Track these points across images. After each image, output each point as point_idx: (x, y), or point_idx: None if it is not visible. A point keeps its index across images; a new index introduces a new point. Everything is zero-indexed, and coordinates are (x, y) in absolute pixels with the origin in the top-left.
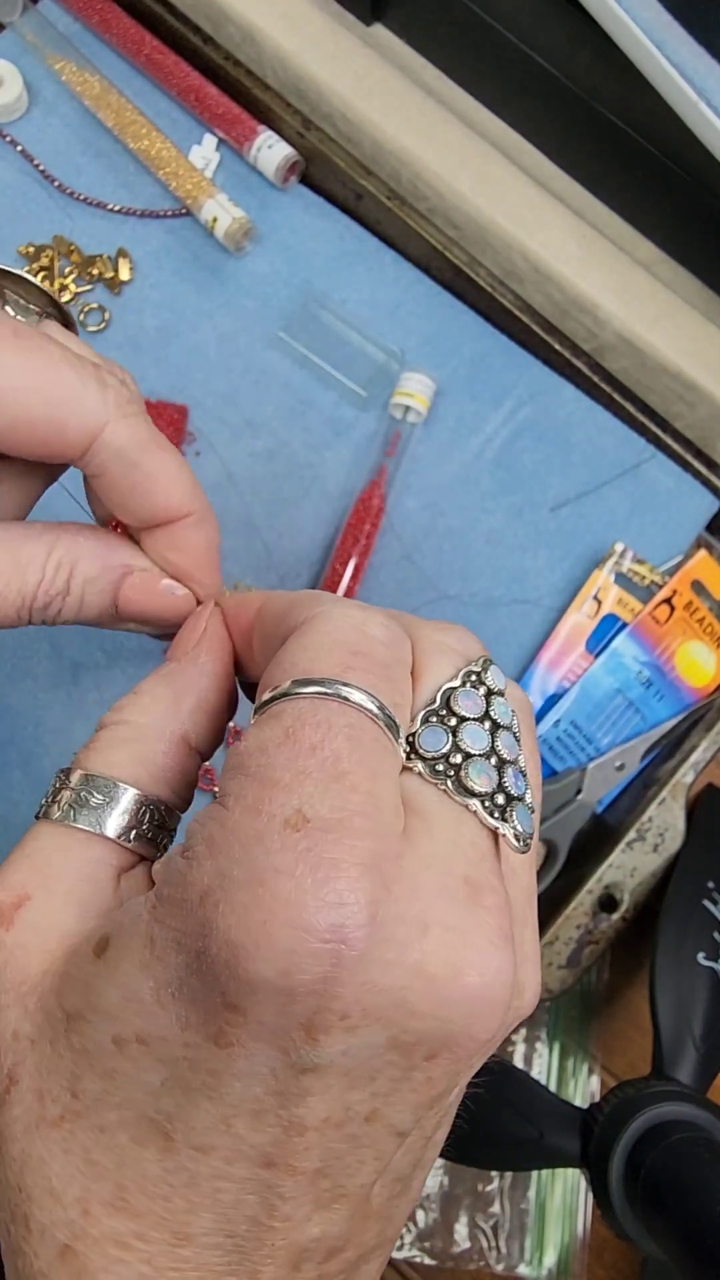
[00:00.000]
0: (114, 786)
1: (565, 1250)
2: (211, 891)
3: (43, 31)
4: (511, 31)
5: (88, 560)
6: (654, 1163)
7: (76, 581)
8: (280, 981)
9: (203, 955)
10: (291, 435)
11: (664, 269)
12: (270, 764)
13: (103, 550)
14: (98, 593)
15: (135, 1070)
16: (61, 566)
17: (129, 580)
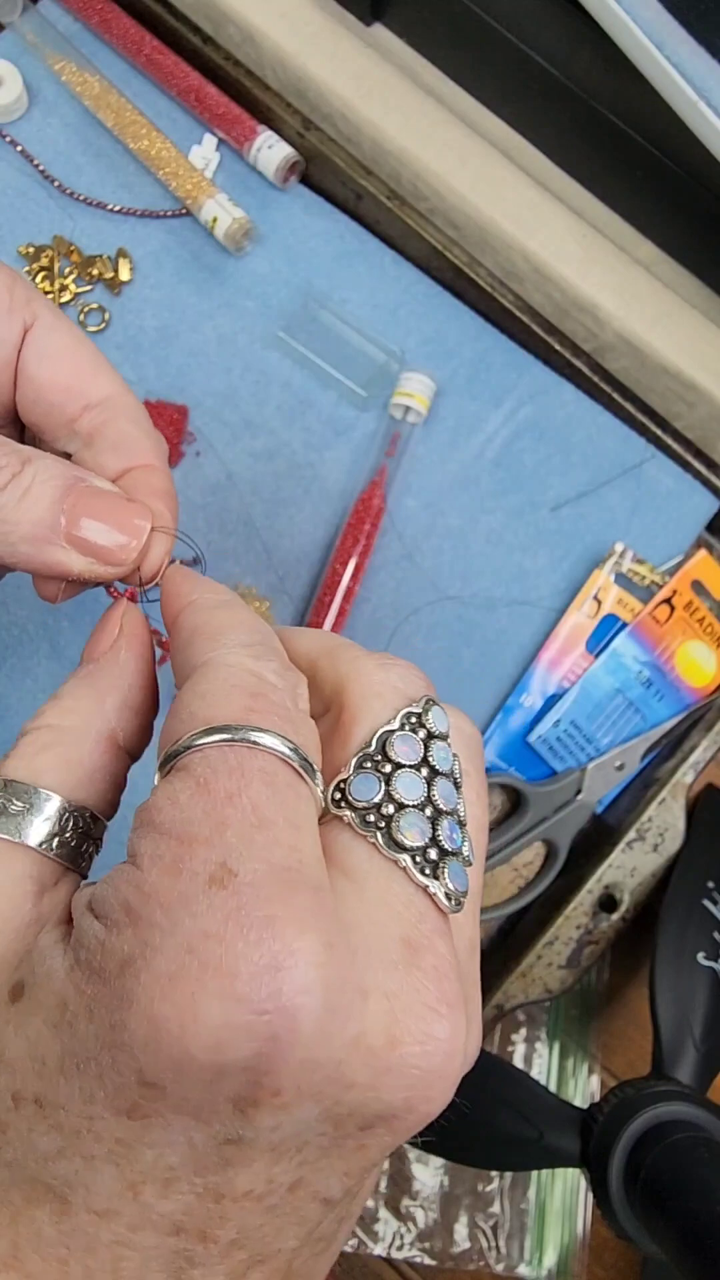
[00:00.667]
0: (35, 792)
1: (565, 1250)
2: (132, 960)
3: (43, 31)
4: (511, 31)
5: (47, 460)
6: (654, 1163)
7: (29, 469)
8: (208, 1058)
9: (119, 1028)
10: (291, 435)
11: (664, 269)
12: (185, 818)
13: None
14: (46, 485)
15: (28, 1131)
16: (19, 452)
17: (82, 483)
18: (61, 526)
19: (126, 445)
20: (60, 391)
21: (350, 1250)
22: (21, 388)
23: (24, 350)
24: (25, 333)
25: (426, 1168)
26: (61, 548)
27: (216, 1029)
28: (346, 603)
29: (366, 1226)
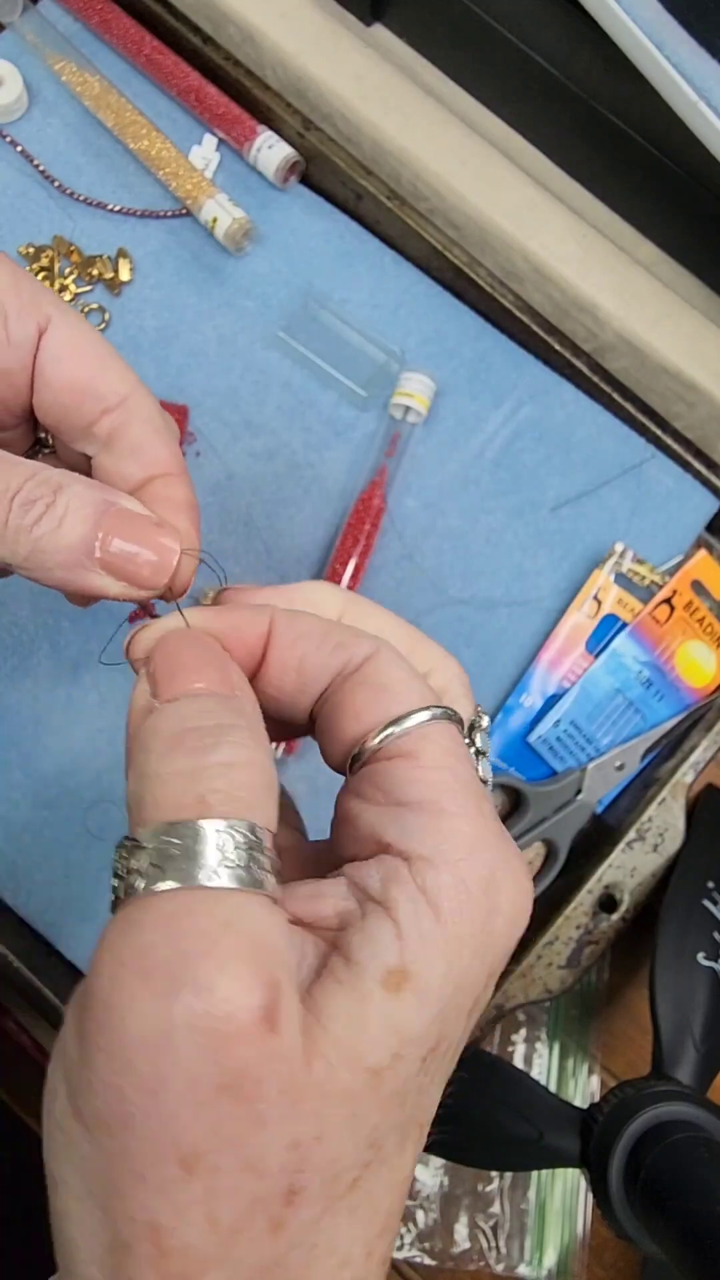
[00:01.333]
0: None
1: (565, 1250)
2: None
3: (43, 32)
4: (511, 32)
5: (78, 485)
6: (654, 1163)
7: (62, 497)
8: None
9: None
10: (291, 435)
11: (664, 269)
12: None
13: (93, 484)
14: (81, 514)
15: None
16: (49, 480)
17: (113, 508)
18: (96, 553)
19: (146, 453)
20: (78, 395)
21: None
22: (39, 391)
23: (40, 353)
24: (40, 334)
25: (426, 1168)
26: (96, 573)
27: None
28: None
29: None
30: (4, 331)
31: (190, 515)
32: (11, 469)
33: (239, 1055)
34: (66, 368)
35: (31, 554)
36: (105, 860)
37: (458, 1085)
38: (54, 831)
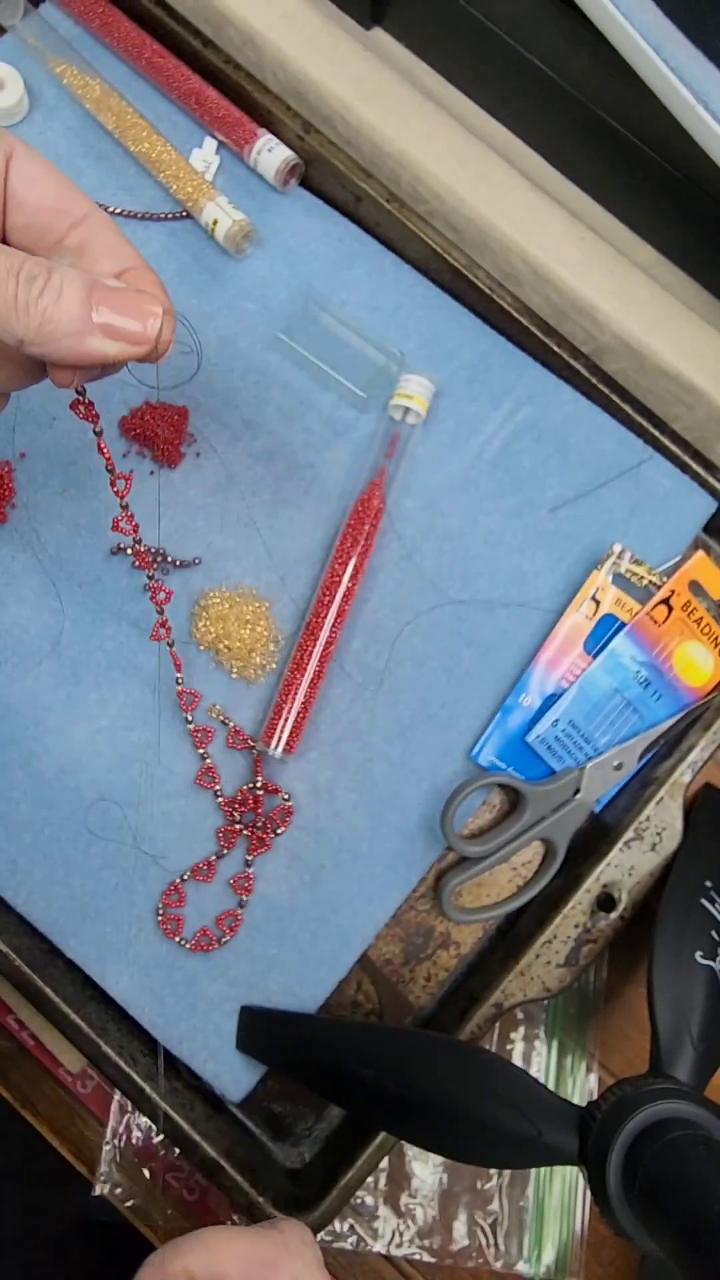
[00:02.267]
0: None
1: (563, 1247)
2: None
3: (44, 35)
4: (510, 35)
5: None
6: (652, 1160)
7: (55, 274)
8: None
9: None
10: (291, 436)
11: (662, 271)
12: None
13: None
14: (74, 286)
15: None
16: (41, 261)
17: (99, 283)
18: (93, 320)
19: (116, 251)
20: (50, 213)
21: (350, 1248)
22: (12, 214)
23: (9, 180)
24: (7, 162)
25: (425, 1165)
26: (97, 338)
27: None
28: (346, 603)
29: (366, 1224)
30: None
31: (161, 291)
32: (10, 252)
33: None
34: (40, 190)
35: (41, 324)
36: (105, 859)
37: (458, 1083)
38: (54, 830)
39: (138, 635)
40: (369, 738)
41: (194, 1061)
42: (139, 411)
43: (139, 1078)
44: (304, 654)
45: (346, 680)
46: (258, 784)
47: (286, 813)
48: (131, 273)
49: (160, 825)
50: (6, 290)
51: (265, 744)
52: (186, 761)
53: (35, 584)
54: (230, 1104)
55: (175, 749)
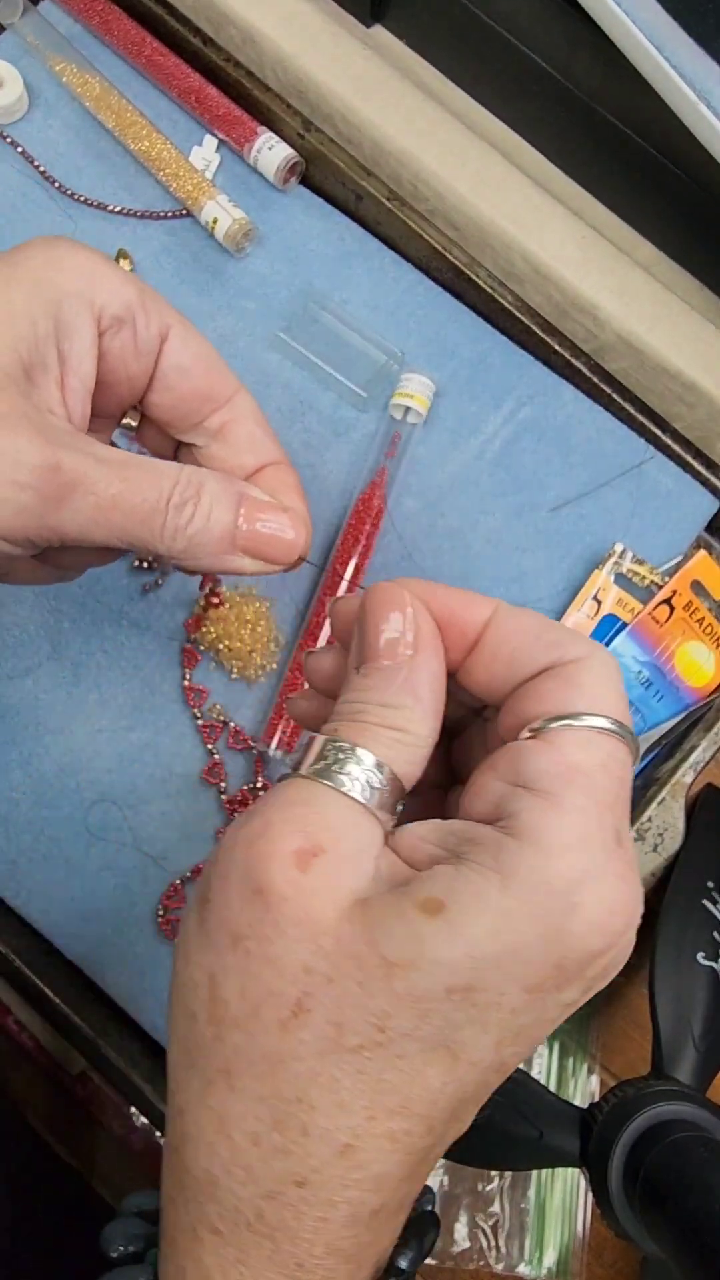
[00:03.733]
0: (396, 781)
1: (565, 1249)
2: (580, 883)
3: (43, 33)
4: (511, 33)
5: (213, 482)
6: (654, 1162)
7: (205, 495)
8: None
9: (560, 932)
10: (291, 436)
11: (663, 270)
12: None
13: (224, 479)
14: (223, 507)
15: (452, 1011)
16: (191, 481)
17: (249, 498)
18: (236, 539)
19: (258, 444)
20: (197, 398)
21: None
22: (158, 394)
23: (161, 360)
24: (162, 342)
25: None
26: (238, 556)
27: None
28: None
29: None
30: (134, 342)
31: (301, 497)
32: (161, 476)
33: (267, 871)
34: (192, 376)
35: (187, 548)
36: (105, 860)
37: None
38: (54, 831)
39: (138, 635)
40: None
41: None
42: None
43: (139, 1079)
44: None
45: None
46: (259, 784)
47: None
48: (271, 471)
49: (160, 826)
50: (154, 520)
51: (266, 744)
52: (187, 761)
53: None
54: None
55: (175, 749)
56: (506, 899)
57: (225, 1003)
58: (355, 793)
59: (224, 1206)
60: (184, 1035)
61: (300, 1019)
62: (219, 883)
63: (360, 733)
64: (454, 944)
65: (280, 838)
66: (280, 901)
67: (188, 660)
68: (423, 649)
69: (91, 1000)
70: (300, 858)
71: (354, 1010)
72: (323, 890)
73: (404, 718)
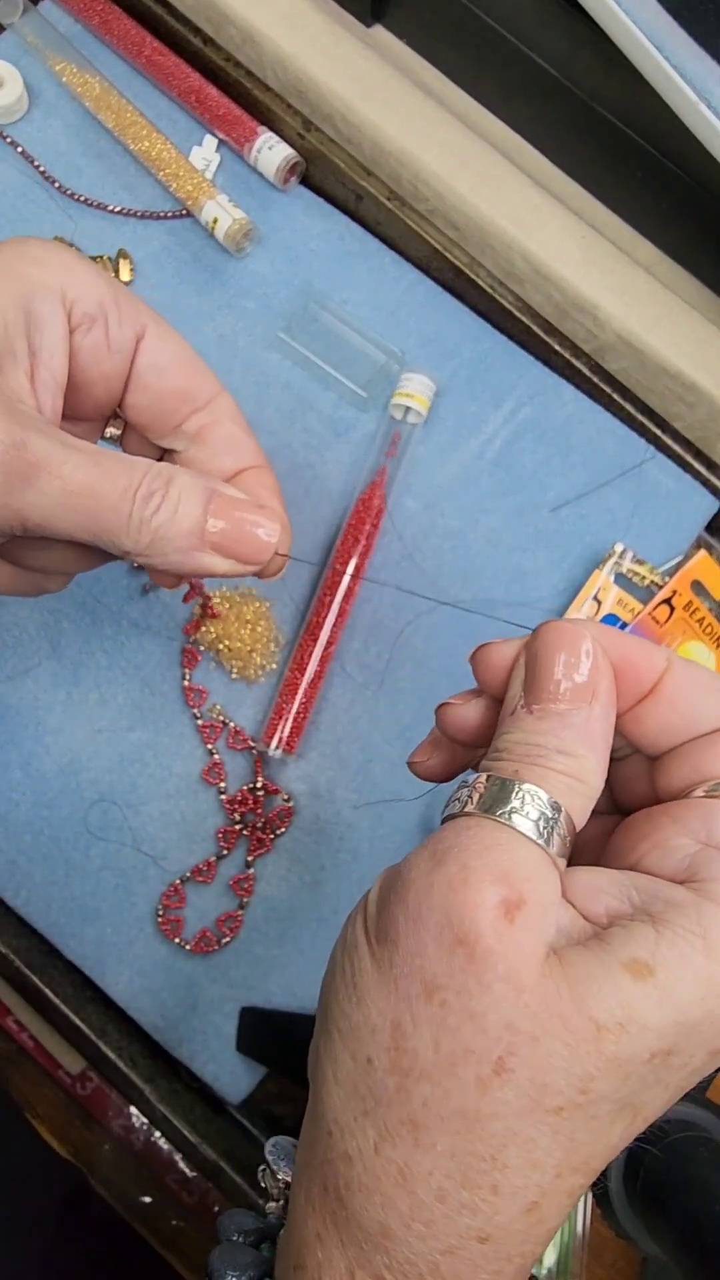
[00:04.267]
0: (572, 827)
1: (565, 1249)
2: None
3: (43, 33)
4: (511, 33)
5: (184, 476)
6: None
7: (174, 488)
8: None
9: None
10: (291, 435)
11: (664, 270)
12: None
13: (196, 475)
14: (192, 501)
15: (649, 1074)
16: (161, 473)
17: (219, 494)
18: (206, 535)
19: (237, 447)
20: (174, 398)
21: None
22: (135, 394)
23: (137, 360)
24: (138, 341)
25: None
26: (207, 553)
27: None
28: (347, 603)
29: None
30: (106, 340)
31: (280, 500)
32: (130, 468)
33: (474, 922)
34: (169, 375)
35: (153, 542)
36: (105, 860)
37: None
38: (54, 831)
39: (137, 635)
40: (369, 738)
41: (194, 1063)
42: None
43: (138, 1079)
44: (304, 654)
45: (347, 680)
46: (258, 784)
47: (287, 813)
48: (250, 474)
49: (160, 826)
50: (121, 510)
51: (265, 744)
52: (187, 761)
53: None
54: (230, 1106)
55: (175, 749)
56: (712, 965)
57: (414, 1054)
58: (542, 840)
59: (395, 1259)
60: (356, 1080)
61: (503, 1078)
62: (410, 925)
63: (542, 777)
64: (663, 1010)
65: (484, 886)
66: (486, 954)
67: (188, 660)
68: (601, 696)
69: (91, 1000)
70: (508, 909)
71: (558, 1072)
72: (528, 944)
73: (581, 767)
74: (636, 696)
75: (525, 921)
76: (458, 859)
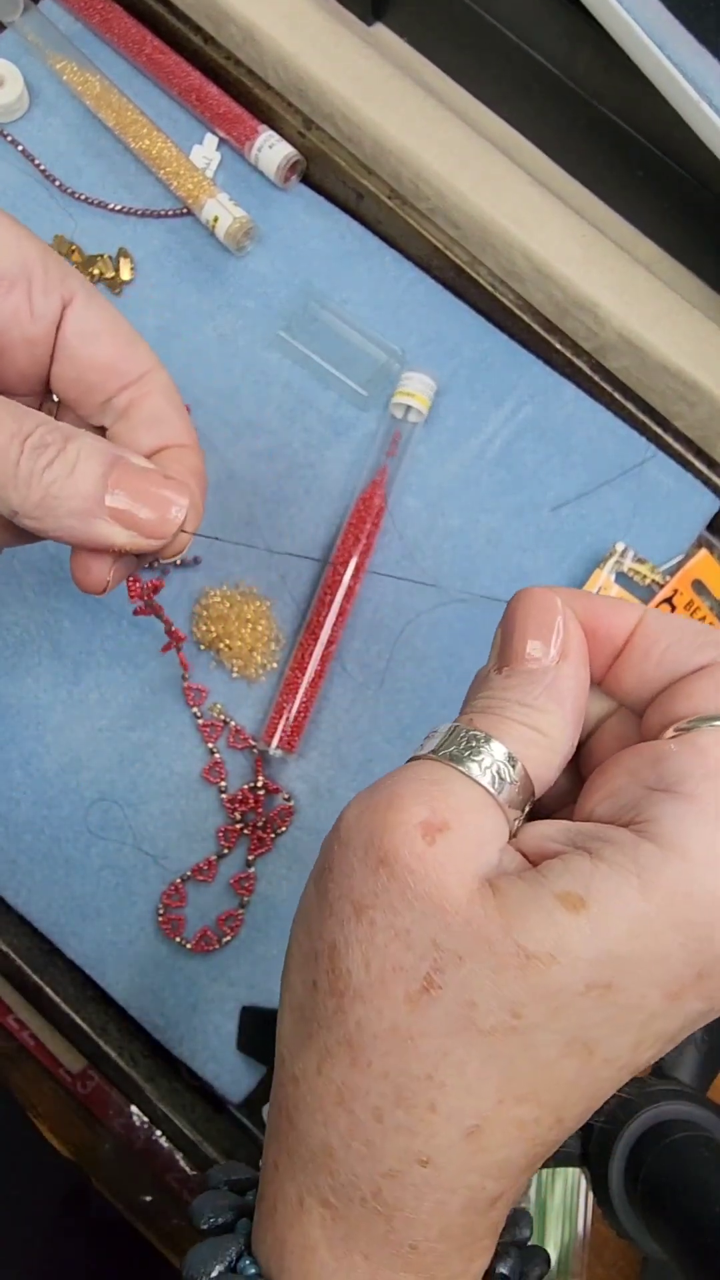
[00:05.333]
0: (528, 781)
1: (565, 1249)
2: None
3: (44, 31)
4: (512, 31)
5: (86, 438)
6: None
7: (73, 445)
8: None
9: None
10: (292, 435)
11: (664, 268)
12: None
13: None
14: (92, 462)
15: (590, 1009)
16: (59, 429)
17: (123, 460)
18: (105, 502)
19: (161, 423)
20: (101, 370)
21: None
22: (60, 365)
23: (63, 327)
24: (64, 309)
25: None
26: (105, 521)
27: None
28: (347, 602)
29: None
30: (28, 303)
31: (199, 483)
32: (23, 414)
33: (391, 841)
34: (95, 346)
35: (43, 500)
36: (106, 858)
37: None
38: (55, 830)
39: (138, 635)
40: (369, 738)
41: (194, 1062)
42: None
43: (139, 1078)
44: (305, 653)
45: (347, 680)
46: (259, 783)
47: (287, 813)
48: (171, 452)
49: (161, 825)
50: (8, 455)
51: (266, 743)
52: (187, 761)
53: (35, 583)
54: (231, 1105)
55: (176, 748)
56: (646, 905)
57: (348, 974)
58: (485, 781)
59: (339, 1180)
60: (301, 1004)
61: (431, 995)
62: (340, 850)
63: (496, 725)
64: (595, 942)
65: (406, 807)
66: (406, 872)
67: (188, 660)
68: (570, 655)
69: (92, 999)
70: (426, 830)
71: (486, 994)
72: (450, 867)
73: (544, 720)
74: (611, 655)
75: (448, 845)
76: (389, 788)
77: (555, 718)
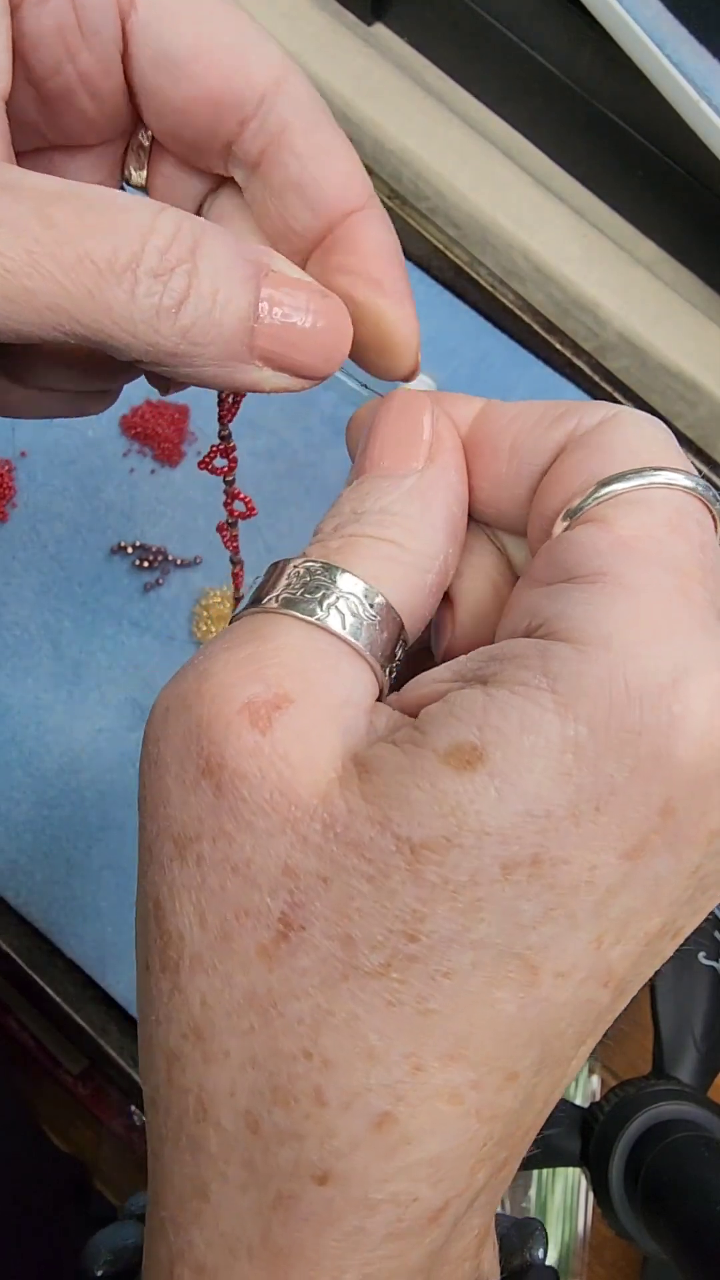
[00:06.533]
0: (392, 614)
1: (566, 1248)
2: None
3: None
4: (512, 31)
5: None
6: (654, 1161)
7: (204, 262)
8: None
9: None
10: (292, 435)
11: (665, 268)
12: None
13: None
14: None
15: (517, 899)
16: (182, 233)
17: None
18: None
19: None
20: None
21: None
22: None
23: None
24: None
25: None
26: (255, 366)
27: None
28: None
29: None
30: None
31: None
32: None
33: (210, 742)
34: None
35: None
36: (106, 858)
37: None
38: (55, 830)
39: (138, 635)
40: None
41: None
42: (139, 410)
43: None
44: None
45: None
46: None
47: None
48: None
49: None
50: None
51: None
52: None
53: (35, 583)
54: None
55: None
56: (570, 724)
57: (179, 938)
58: (333, 623)
59: (211, 1231)
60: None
61: (293, 941)
62: (152, 772)
63: (341, 550)
64: (504, 802)
65: (224, 690)
66: (236, 780)
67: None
68: (440, 459)
69: (93, 999)
70: (254, 714)
71: (367, 917)
72: (296, 755)
73: (402, 527)
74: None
75: (288, 725)
76: (196, 667)
77: (419, 523)
